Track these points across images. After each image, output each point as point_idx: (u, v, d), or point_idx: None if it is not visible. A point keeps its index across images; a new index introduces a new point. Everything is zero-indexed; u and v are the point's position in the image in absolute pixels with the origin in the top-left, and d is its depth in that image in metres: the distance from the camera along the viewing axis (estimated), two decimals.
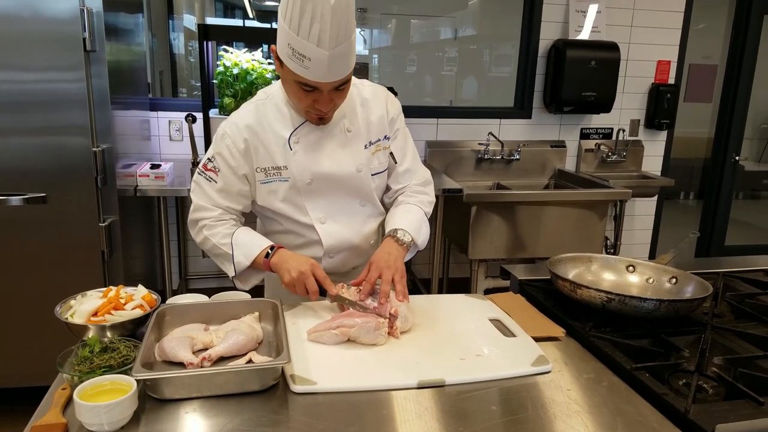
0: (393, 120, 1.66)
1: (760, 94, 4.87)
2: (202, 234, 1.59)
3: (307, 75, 1.36)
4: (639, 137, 4.21)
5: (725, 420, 1.02)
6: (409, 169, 1.71)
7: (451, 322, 1.46)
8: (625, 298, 1.42)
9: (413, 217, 1.65)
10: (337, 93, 1.45)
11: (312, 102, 1.44)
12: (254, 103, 1.61)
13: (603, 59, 3.77)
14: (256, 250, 1.55)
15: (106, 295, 1.34)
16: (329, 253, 1.65)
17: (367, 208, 1.67)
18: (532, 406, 1.12)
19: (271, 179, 1.57)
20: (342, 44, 1.34)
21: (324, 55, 1.32)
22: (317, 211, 1.61)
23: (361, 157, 1.60)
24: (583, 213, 3.37)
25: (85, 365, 1.12)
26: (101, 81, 2.47)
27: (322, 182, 1.58)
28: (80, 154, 2.48)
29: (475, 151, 3.90)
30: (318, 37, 1.31)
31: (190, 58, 4.99)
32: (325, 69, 1.35)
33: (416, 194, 1.71)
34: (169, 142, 3.56)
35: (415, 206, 1.68)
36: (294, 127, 1.55)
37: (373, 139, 1.62)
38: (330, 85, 1.39)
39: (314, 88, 1.40)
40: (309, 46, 1.32)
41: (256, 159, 1.56)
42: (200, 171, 1.59)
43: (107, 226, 2.58)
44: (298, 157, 1.55)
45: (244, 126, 1.55)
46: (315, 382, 1.15)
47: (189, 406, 1.07)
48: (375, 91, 1.65)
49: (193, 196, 1.61)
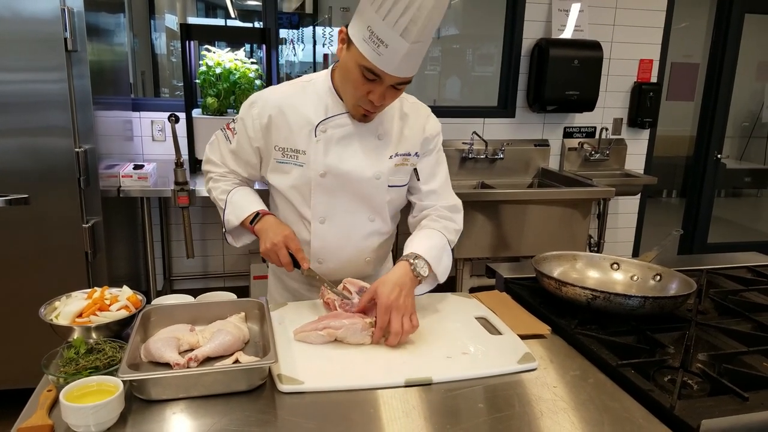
0: (428, 139, 1.62)
1: (742, 92, 4.94)
2: (209, 184, 1.68)
3: (377, 62, 1.32)
4: (622, 136, 4.25)
5: (710, 415, 1.03)
6: (435, 191, 1.65)
7: (438, 320, 1.47)
8: (610, 295, 1.43)
9: (434, 243, 1.55)
10: (393, 92, 1.42)
11: (366, 93, 1.40)
12: (299, 82, 1.58)
13: (586, 58, 3.80)
14: (245, 213, 1.57)
15: (91, 296, 1.33)
16: (318, 258, 1.61)
17: (375, 224, 1.61)
18: (519, 403, 1.13)
19: (287, 161, 1.54)
20: (423, 42, 1.32)
21: (404, 47, 1.29)
22: (321, 207, 1.56)
23: (383, 165, 1.55)
24: (567, 211, 3.39)
25: (71, 366, 1.10)
26: (83, 81, 2.44)
27: (336, 179, 1.53)
28: (63, 155, 2.45)
29: (459, 150, 3.92)
30: (405, 27, 1.27)
31: (171, 58, 4.96)
32: (398, 61, 1.32)
33: (442, 219, 1.63)
34: (152, 143, 3.52)
35: (438, 232, 1.59)
36: (327, 116, 1.52)
37: (401, 152, 1.57)
38: (394, 79, 1.36)
39: (376, 78, 1.36)
40: (392, 33, 1.28)
41: (278, 137, 1.53)
42: (223, 128, 1.64)
43: (90, 227, 2.55)
44: (319, 146, 1.51)
45: (274, 101, 1.53)
46: (302, 382, 1.14)
47: (176, 406, 1.07)
48: (417, 107, 1.63)
49: (208, 147, 1.69)
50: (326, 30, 4.12)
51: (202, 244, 3.78)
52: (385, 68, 1.33)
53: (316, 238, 1.58)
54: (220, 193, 1.63)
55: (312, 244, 1.59)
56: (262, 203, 1.61)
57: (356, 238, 1.61)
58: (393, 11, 1.27)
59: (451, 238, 1.62)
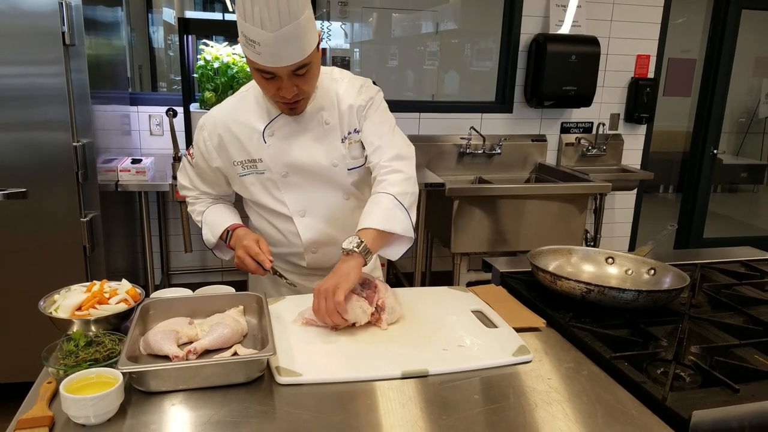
0: (361, 107, 1.57)
1: (739, 88, 4.95)
2: (188, 208, 1.78)
3: (259, 60, 1.35)
4: (619, 131, 4.27)
5: (702, 407, 1.04)
6: (380, 147, 1.57)
7: (434, 313, 1.48)
8: (605, 289, 1.45)
9: (373, 209, 1.48)
10: (301, 79, 1.42)
11: (276, 90, 1.43)
12: (239, 94, 1.63)
13: (583, 53, 3.81)
14: (219, 230, 1.67)
15: (90, 289, 1.34)
16: (311, 248, 1.65)
17: (352, 202, 1.65)
18: (514, 394, 1.14)
19: (247, 172, 1.59)
20: (287, 26, 1.30)
21: (269, 38, 1.30)
22: (296, 204, 1.61)
23: (336, 151, 1.57)
24: (564, 206, 3.41)
25: (71, 359, 1.12)
26: (81, 75, 2.45)
27: (298, 175, 1.58)
28: (61, 149, 2.46)
29: (457, 145, 3.93)
30: (260, 19, 1.29)
31: (169, 52, 4.94)
32: (274, 52, 1.33)
33: (385, 176, 1.53)
34: (150, 137, 3.53)
35: (381, 197, 1.50)
36: (269, 120, 1.55)
37: (345, 133, 1.59)
38: (285, 69, 1.37)
39: (273, 75, 1.39)
40: (254, 30, 1.31)
41: (233, 152, 1.58)
42: (184, 154, 1.73)
43: (89, 221, 2.56)
44: (271, 150, 1.55)
45: (221, 120, 1.59)
46: (300, 374, 1.16)
47: (175, 398, 1.08)
48: (351, 84, 1.60)
49: (179, 174, 1.76)
50: (324, 24, 4.12)
51: (199, 238, 3.75)
52: (268, 63, 1.36)
53: (303, 230, 1.62)
54: (197, 215, 1.74)
55: (303, 237, 1.63)
56: (235, 217, 1.71)
57: (341, 219, 1.64)
58: (246, 8, 1.31)
59: (398, 191, 1.50)
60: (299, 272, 1.74)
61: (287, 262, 1.73)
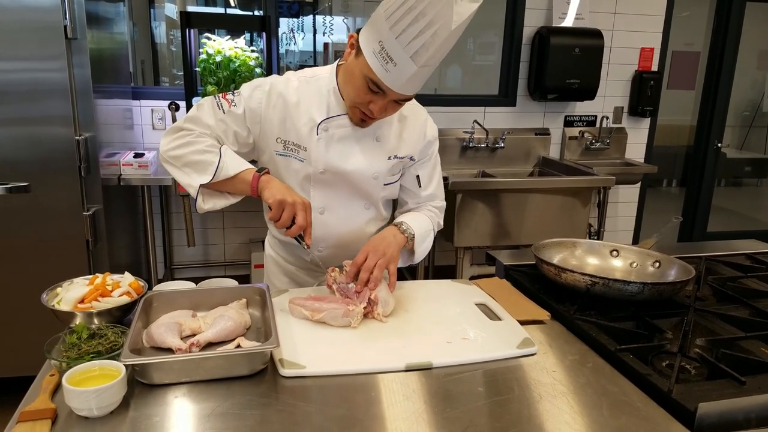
0: (429, 143, 1.64)
1: (743, 81, 4.93)
2: (185, 138, 1.48)
3: (383, 77, 1.33)
4: (622, 124, 4.25)
5: (708, 399, 1.04)
6: (433, 194, 1.71)
7: (438, 306, 1.47)
8: (609, 281, 1.44)
9: (423, 224, 1.63)
10: (394, 105, 1.43)
11: (368, 102, 1.40)
12: (299, 79, 1.54)
13: (587, 46, 3.78)
14: (245, 165, 1.48)
15: (93, 282, 1.34)
16: (318, 246, 1.64)
17: (371, 212, 1.65)
18: (518, 387, 1.14)
19: (288, 154, 1.54)
20: (431, 66, 1.33)
21: (412, 69, 1.30)
22: (320, 199, 1.58)
23: (381, 167, 1.57)
24: (567, 200, 3.40)
25: (73, 351, 1.11)
26: (83, 69, 2.44)
27: (335, 176, 1.55)
28: (63, 144, 2.45)
29: (460, 139, 3.91)
30: (417, 51, 1.27)
31: (171, 47, 4.94)
32: (404, 80, 1.32)
33: (429, 210, 1.71)
34: (152, 131, 3.52)
35: (427, 218, 1.67)
36: (329, 115, 1.51)
37: (400, 155, 1.59)
38: (397, 95, 1.37)
39: (380, 91, 1.36)
40: (402, 54, 1.28)
41: (281, 129, 1.52)
42: (216, 96, 1.54)
43: (91, 215, 2.56)
44: (320, 145, 1.52)
45: (280, 93, 1.51)
46: (303, 366, 1.15)
47: (178, 390, 1.08)
48: (415, 110, 1.63)
49: (195, 108, 1.54)
50: (327, 19, 4.11)
51: (202, 232, 3.79)
52: (391, 85, 1.34)
53: (317, 226, 1.59)
54: (208, 146, 1.48)
55: (314, 233, 1.60)
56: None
57: (355, 225, 1.64)
58: (407, 32, 1.26)
59: (435, 228, 1.71)
60: (300, 264, 1.74)
61: (289, 251, 1.73)
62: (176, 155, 1.49)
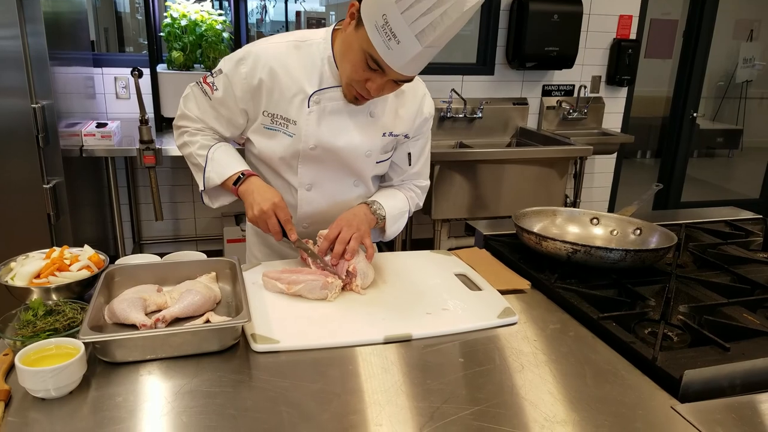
0: (425, 120, 1.57)
1: (719, 50, 4.92)
2: (183, 138, 1.53)
3: (384, 55, 1.23)
4: (600, 94, 4.23)
5: (693, 366, 1.02)
6: (419, 173, 1.66)
7: (417, 277, 1.43)
8: (591, 249, 1.41)
9: (397, 204, 1.58)
10: (393, 85, 1.34)
11: (365, 80, 1.31)
12: (291, 42, 1.44)
13: (566, 13, 3.73)
14: (229, 172, 1.45)
15: (50, 255, 1.26)
16: (303, 222, 1.57)
17: (360, 189, 1.58)
18: (499, 357, 1.10)
19: (275, 128, 1.45)
20: (436, 47, 1.23)
21: (416, 49, 1.20)
22: (308, 175, 1.50)
23: (374, 144, 1.49)
24: (544, 171, 3.37)
25: (28, 329, 1.04)
26: (38, 36, 2.30)
27: (325, 152, 1.46)
28: (19, 113, 2.32)
29: (438, 109, 3.85)
30: (423, 30, 1.17)
31: (137, 15, 4.75)
32: (406, 60, 1.23)
33: (410, 190, 1.66)
34: (116, 100, 3.38)
35: (403, 196, 1.62)
36: (321, 87, 1.41)
37: (395, 132, 1.52)
38: (397, 75, 1.28)
39: (378, 69, 1.27)
40: (407, 31, 1.18)
41: (267, 102, 1.43)
42: (199, 82, 1.49)
43: (52, 188, 2.45)
44: (311, 118, 1.42)
45: (267, 62, 1.40)
46: (277, 341, 1.10)
47: (143, 368, 1.02)
48: (414, 85, 1.52)
49: (182, 101, 1.52)
50: None
51: (172, 206, 3.68)
52: (392, 64, 1.25)
53: (303, 203, 1.54)
54: (199, 148, 1.49)
55: (299, 210, 1.56)
56: (245, 163, 1.51)
57: (342, 202, 1.57)
58: (414, 8, 1.16)
59: (412, 208, 1.67)
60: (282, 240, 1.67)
61: None
62: (183, 154, 1.55)
